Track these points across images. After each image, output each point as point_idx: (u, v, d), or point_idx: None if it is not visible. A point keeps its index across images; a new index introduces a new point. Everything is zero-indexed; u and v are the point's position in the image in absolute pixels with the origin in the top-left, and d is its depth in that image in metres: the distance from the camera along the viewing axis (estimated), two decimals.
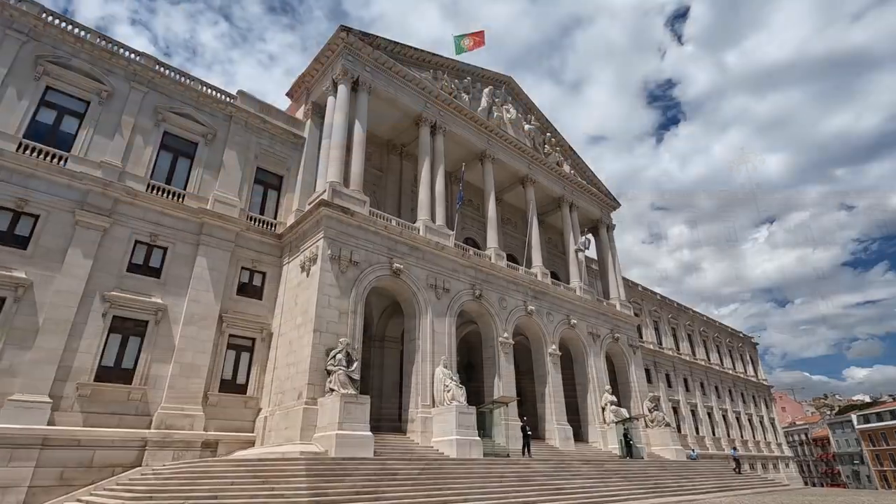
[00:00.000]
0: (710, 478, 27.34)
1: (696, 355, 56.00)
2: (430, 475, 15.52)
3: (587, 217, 41.62)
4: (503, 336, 27.07)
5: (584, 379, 32.41)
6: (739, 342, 68.34)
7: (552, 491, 17.50)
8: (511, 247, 37.18)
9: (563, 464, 21.74)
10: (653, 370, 46.74)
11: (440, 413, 20.99)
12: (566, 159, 40.59)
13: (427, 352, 22.63)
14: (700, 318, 60.49)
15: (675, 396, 48.69)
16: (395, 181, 31.11)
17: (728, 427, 55.11)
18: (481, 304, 26.81)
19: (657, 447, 33.14)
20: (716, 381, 56.77)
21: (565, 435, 27.64)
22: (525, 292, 29.94)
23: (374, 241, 22.65)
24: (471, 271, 26.90)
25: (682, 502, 19.04)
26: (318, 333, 19.05)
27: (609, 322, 36.11)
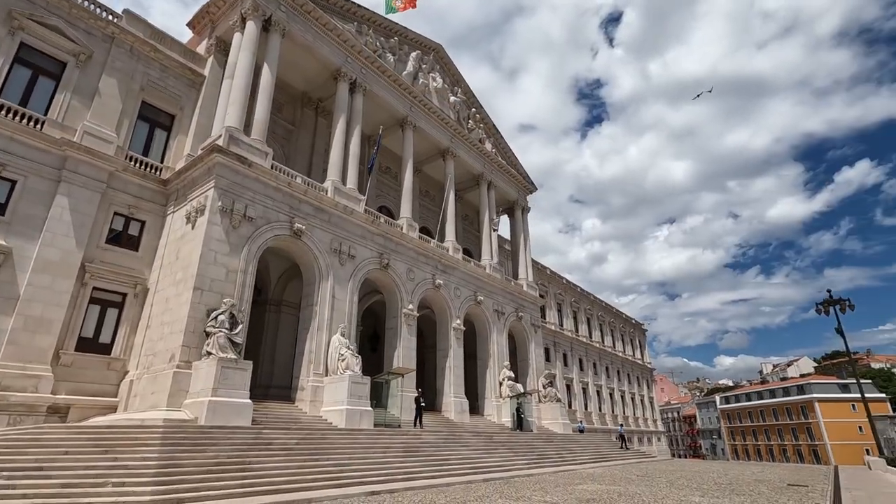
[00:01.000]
0: (589, 450, 29.27)
1: (593, 337, 59.90)
2: (310, 445, 14.77)
3: (504, 198, 42.15)
4: (408, 308, 26.64)
5: (486, 354, 33.11)
6: (631, 328, 74.19)
7: (438, 461, 17.52)
8: (426, 219, 36.69)
9: (453, 435, 21.98)
10: (552, 349, 49.21)
11: (332, 382, 20.19)
12: (489, 137, 40.55)
13: (325, 319, 21.57)
14: (599, 304, 64.58)
15: (570, 375, 51.83)
16: (308, 138, 29.09)
17: (613, 404, 59.95)
18: (388, 274, 26.09)
19: (547, 421, 34.94)
20: (607, 362, 61.29)
21: (461, 408, 28.08)
22: (435, 266, 29.65)
23: (274, 198, 20.91)
24: (380, 239, 25.99)
25: (560, 472, 20.01)
26: (199, 292, 17.27)
27: (515, 301, 37.10)
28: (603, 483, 16.29)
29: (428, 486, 13.87)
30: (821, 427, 75.73)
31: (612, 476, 19.03)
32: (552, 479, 17.10)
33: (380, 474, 14.22)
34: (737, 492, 14.76)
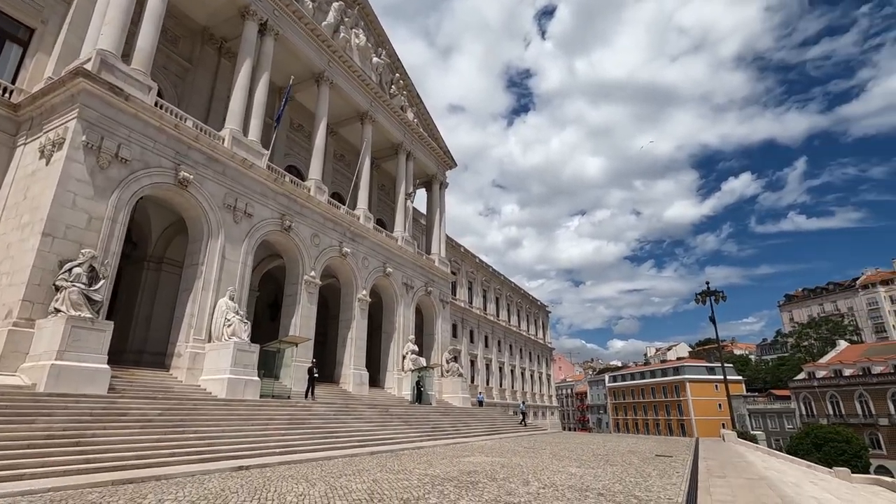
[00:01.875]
0: (485, 423, 30.06)
1: (500, 316, 61.83)
2: (176, 416, 13.25)
3: (423, 171, 41.36)
4: (310, 275, 25.17)
5: (391, 327, 32.58)
6: (537, 309, 77.75)
7: (325, 434, 16.73)
8: (340, 185, 34.95)
9: (347, 407, 21.26)
10: (460, 325, 49.99)
11: (215, 349, 18.47)
12: (412, 107, 39.29)
13: (211, 280, 19.60)
14: (509, 285, 66.67)
15: (475, 351, 53.16)
16: (207, 80, 26.06)
17: (514, 380, 62.73)
18: (290, 238, 24.36)
19: (448, 395, 35.42)
20: (512, 340, 63.76)
21: (360, 380, 27.38)
22: (343, 233, 28.28)
23: (156, 139, 18.35)
24: (283, 199, 24.12)
25: (452, 444, 20.12)
26: (49, 239, 14.68)
27: (425, 275, 36.80)
28: (490, 455, 16.50)
29: (308, 459, 13.05)
30: (689, 404, 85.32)
31: (501, 448, 19.46)
32: (442, 452, 17.05)
33: (255, 448, 13.13)
34: (611, 462, 15.61)
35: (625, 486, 10.64)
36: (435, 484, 10.02)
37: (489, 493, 9.16)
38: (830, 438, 49.68)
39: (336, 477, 10.49)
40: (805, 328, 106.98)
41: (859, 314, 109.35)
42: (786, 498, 9.77)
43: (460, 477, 11.13)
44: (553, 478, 11.64)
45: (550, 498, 9.00)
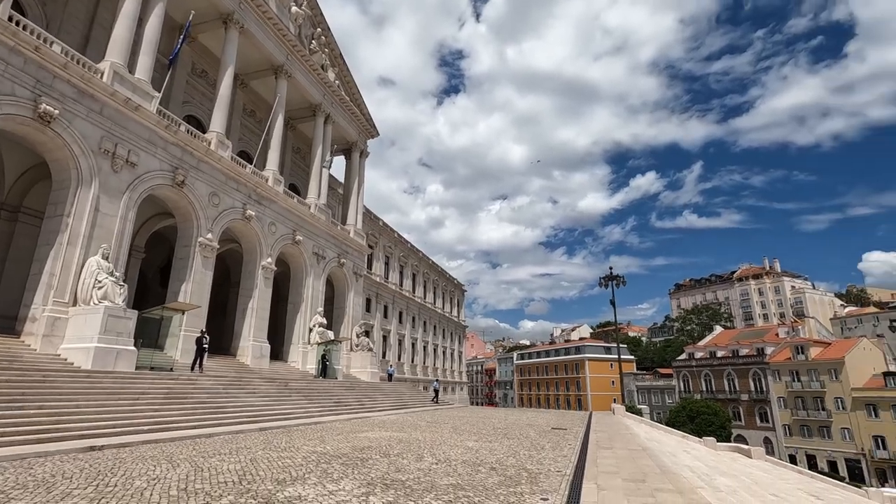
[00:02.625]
0: (392, 397, 29.73)
1: (416, 293, 61.66)
2: (16, 390, 11.23)
3: (343, 137, 39.32)
4: (206, 237, 22.87)
5: (298, 298, 30.93)
6: (453, 287, 78.70)
7: (210, 410, 15.28)
8: (249, 143, 32.19)
9: (240, 381, 19.74)
10: (374, 300, 49.04)
11: (81, 314, 16.09)
12: (334, 67, 36.95)
13: (80, 235, 16.96)
14: (427, 262, 66.58)
15: (389, 326, 52.60)
16: (88, 3, 22.29)
17: (426, 356, 63.25)
18: (183, 195, 21.86)
19: (357, 370, 34.62)
20: (426, 316, 64.01)
21: (260, 352, 25.70)
22: (248, 194, 26.03)
23: (9, 61, 15.24)
24: (176, 150, 21.48)
25: (354, 419, 19.47)
26: None
27: (339, 246, 35.29)
28: (391, 430, 16.06)
29: (182, 437, 11.71)
30: (587, 381, 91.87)
31: (403, 423, 19.15)
32: (340, 427, 16.32)
33: (118, 426, 11.52)
34: (508, 436, 15.84)
35: (518, 460, 10.63)
36: (321, 462, 9.30)
37: (377, 471, 8.62)
38: (702, 411, 55.85)
39: (207, 457, 9.38)
40: (689, 314, 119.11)
41: (733, 303, 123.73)
42: (664, 467, 10.29)
43: (351, 453, 10.50)
44: (449, 452, 11.40)
45: (441, 473, 8.66)
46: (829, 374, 56.94)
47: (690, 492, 7.87)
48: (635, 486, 8.15)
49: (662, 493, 7.64)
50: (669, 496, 7.39)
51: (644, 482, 8.55)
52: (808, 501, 13.44)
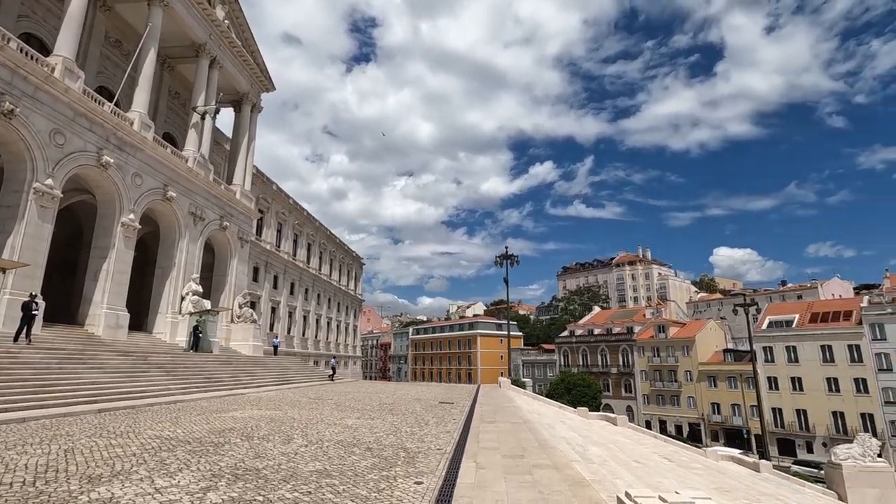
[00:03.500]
0: (274, 372, 27.82)
1: (311, 263, 58.69)
2: None
3: (231, 86, 35.23)
4: (44, 182, 18.94)
5: (169, 262, 27.41)
6: (351, 260, 76.44)
7: (35, 388, 12.63)
8: (113, 79, 27.35)
9: (83, 354, 16.79)
10: (263, 269, 45.62)
11: None
12: (223, 4, 32.65)
13: None
14: (324, 232, 63.58)
15: (279, 298, 49.46)
16: None
17: (319, 329, 60.90)
18: (11, 128, 17.76)
19: (238, 343, 31.95)
20: (321, 289, 61.39)
21: (116, 322, 22.31)
22: (106, 137, 22.06)
23: None
24: (4, 72, 17.30)
25: (225, 397, 17.63)
26: None
27: (222, 207, 31.85)
28: (264, 408, 14.66)
29: None
30: (478, 355, 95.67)
31: (282, 400, 17.75)
32: (205, 406, 14.54)
33: None
34: (394, 412, 15.28)
35: (398, 438, 10.02)
36: (162, 449, 7.84)
37: (231, 458, 7.42)
38: (578, 384, 60.81)
39: (5, 448, 7.44)
40: (573, 295, 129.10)
41: (611, 286, 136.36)
42: (542, 441, 10.34)
43: (206, 438, 9.11)
44: (324, 432, 10.46)
45: (308, 458, 7.71)
46: (682, 350, 65.01)
47: (566, 466, 7.81)
48: (514, 462, 7.92)
49: (540, 469, 7.46)
50: (546, 472, 7.21)
51: (523, 457, 8.38)
52: (663, 464, 14.67)
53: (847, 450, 22.77)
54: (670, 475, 12.48)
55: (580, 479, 6.92)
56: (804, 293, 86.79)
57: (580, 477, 7.13)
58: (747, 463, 22.95)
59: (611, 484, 7.44)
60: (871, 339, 49.34)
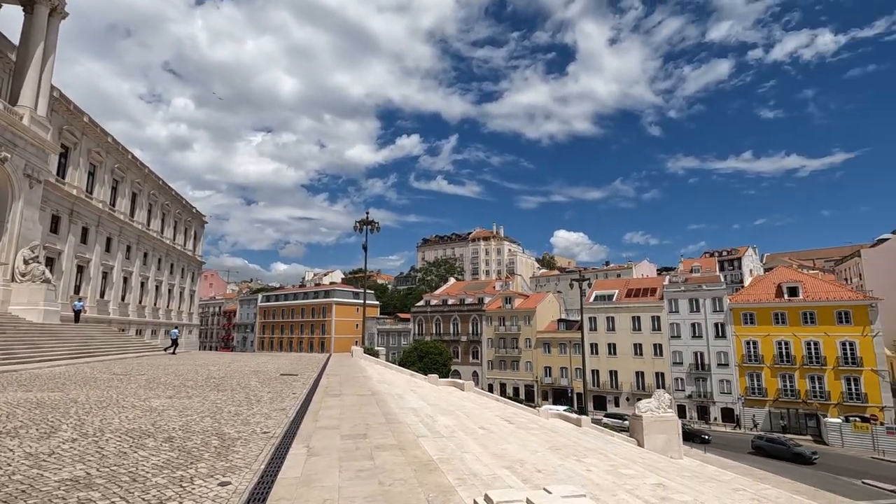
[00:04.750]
0: (72, 343, 22.75)
1: (136, 216, 49.88)
2: None
3: None
4: None
5: None
6: (190, 217, 67.24)
7: None
8: None
9: None
10: (66, 219, 37.17)
11: None
12: None
13: None
14: (155, 181, 54.43)
15: (89, 255, 41.06)
16: None
17: (145, 294, 52.56)
18: None
19: (21, 306, 25.52)
20: (148, 247, 52.79)
21: None
22: None
23: None
24: None
25: None
26: None
27: (1, 134, 24.55)
28: (37, 389, 11.38)
29: None
30: (332, 324, 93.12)
31: (72, 377, 14.20)
32: None
33: None
34: (222, 387, 13.15)
35: (215, 422, 8.25)
36: None
37: None
38: (430, 351, 62.66)
39: None
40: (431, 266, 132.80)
41: (466, 259, 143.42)
42: (390, 415, 9.49)
43: None
44: (112, 419, 8.17)
45: (69, 458, 5.64)
46: (524, 320, 71.06)
47: (413, 445, 7.00)
48: (354, 445, 6.85)
49: (384, 451, 6.50)
50: (390, 455, 6.28)
51: (366, 437, 7.37)
52: (505, 428, 15.12)
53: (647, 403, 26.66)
54: (513, 440, 12.78)
55: (427, 461, 6.13)
56: (622, 272, 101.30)
57: (427, 458, 6.36)
58: (572, 419, 25.51)
59: (460, 461, 6.84)
60: (668, 312, 59.39)
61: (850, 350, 48.73)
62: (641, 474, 13.14)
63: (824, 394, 49.42)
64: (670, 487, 12.05)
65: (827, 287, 54.17)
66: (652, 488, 11.40)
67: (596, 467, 12.48)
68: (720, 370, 55.30)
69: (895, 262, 67.92)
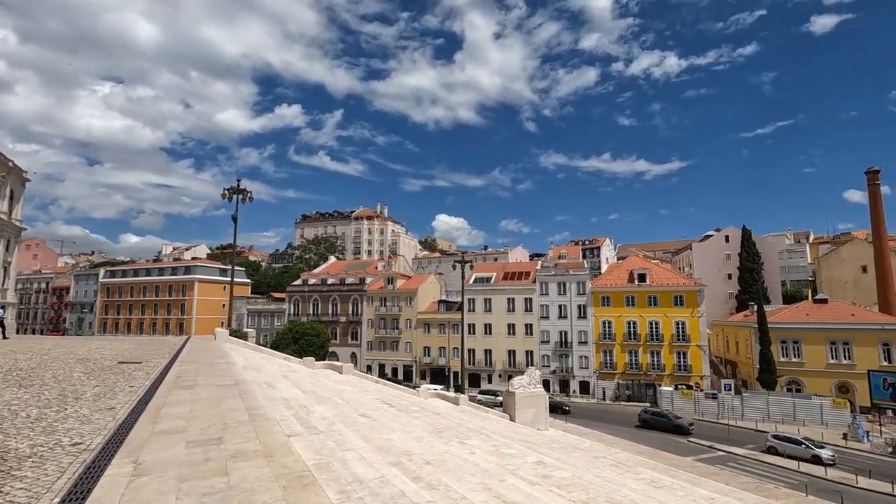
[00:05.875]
0: None
1: None
2: None
3: None
4: None
5: None
6: (4, 171, 54.67)
7: None
8: None
9: None
10: None
11: None
12: None
13: None
14: None
15: None
16: None
17: None
18: None
19: None
20: None
21: None
22: None
23: None
24: None
25: None
26: None
27: None
28: None
29: None
30: (194, 304, 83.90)
31: None
32: None
33: None
34: (26, 382, 10.25)
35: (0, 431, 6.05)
36: None
37: None
38: (306, 333, 59.50)
39: None
40: (310, 244, 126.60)
41: (348, 238, 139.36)
42: (256, 410, 7.97)
43: None
44: None
45: None
46: (406, 301, 71.00)
47: (283, 450, 5.71)
48: (204, 454, 5.36)
49: (242, 461, 5.14)
50: (251, 467, 4.94)
51: (221, 442, 5.88)
52: (387, 413, 14.30)
53: (520, 380, 27.92)
54: (396, 426, 11.99)
55: (301, 472, 4.93)
56: (499, 257, 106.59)
57: (301, 467, 5.15)
58: (450, 398, 25.70)
59: (341, 465, 5.74)
60: (540, 294, 63.67)
61: (682, 328, 56.92)
62: (522, 453, 13.32)
63: (661, 366, 57.21)
64: (549, 464, 12.32)
65: (668, 275, 62.48)
66: (533, 467, 11.50)
67: (479, 449, 12.27)
68: (580, 347, 60.99)
69: (717, 255, 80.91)
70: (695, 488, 13.29)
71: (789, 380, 53.32)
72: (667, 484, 13.20)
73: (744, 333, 59.94)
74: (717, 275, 77.40)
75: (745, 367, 59.03)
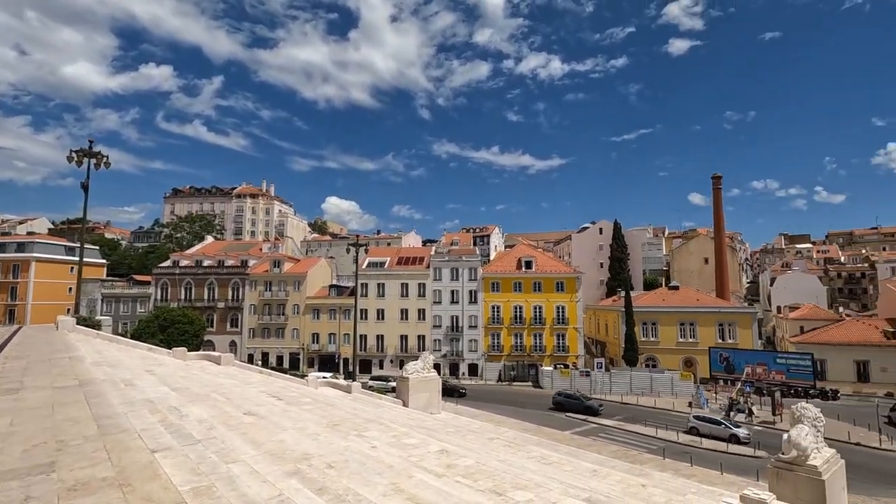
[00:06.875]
0: None
1: None
2: None
3: None
4: None
5: None
6: None
7: None
8: None
9: None
10: None
11: None
12: None
13: None
14: None
15: None
16: None
17: None
18: None
19: None
20: None
21: None
22: None
23: None
24: None
25: None
26: None
27: None
28: None
29: None
30: (29, 287, 70.75)
31: None
32: None
33: None
34: None
35: None
36: None
37: None
38: (177, 320, 53.35)
39: None
40: (182, 221, 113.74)
41: (228, 217, 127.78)
42: (106, 419, 6.33)
43: None
44: None
45: None
46: (294, 285, 67.06)
47: (145, 473, 4.41)
48: (23, 490, 3.88)
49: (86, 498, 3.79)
50: None
51: (53, 469, 4.37)
52: (276, 408, 12.90)
53: (413, 365, 27.68)
54: (288, 423, 10.75)
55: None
56: (392, 242, 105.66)
57: (172, 497, 3.95)
58: (342, 386, 24.49)
59: (227, 486, 4.60)
60: (433, 280, 64.20)
61: (562, 312, 61.42)
62: (424, 442, 12.87)
63: (542, 348, 61.25)
64: (452, 452, 12.03)
65: (551, 262, 66.84)
66: (437, 456, 11.09)
67: (380, 441, 11.52)
68: (470, 331, 62.88)
69: (592, 245, 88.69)
70: (578, 461, 13.93)
71: (647, 357, 60.50)
72: (555, 460, 13.66)
73: (612, 316, 66.58)
74: (591, 263, 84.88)
75: (613, 346, 65.69)
